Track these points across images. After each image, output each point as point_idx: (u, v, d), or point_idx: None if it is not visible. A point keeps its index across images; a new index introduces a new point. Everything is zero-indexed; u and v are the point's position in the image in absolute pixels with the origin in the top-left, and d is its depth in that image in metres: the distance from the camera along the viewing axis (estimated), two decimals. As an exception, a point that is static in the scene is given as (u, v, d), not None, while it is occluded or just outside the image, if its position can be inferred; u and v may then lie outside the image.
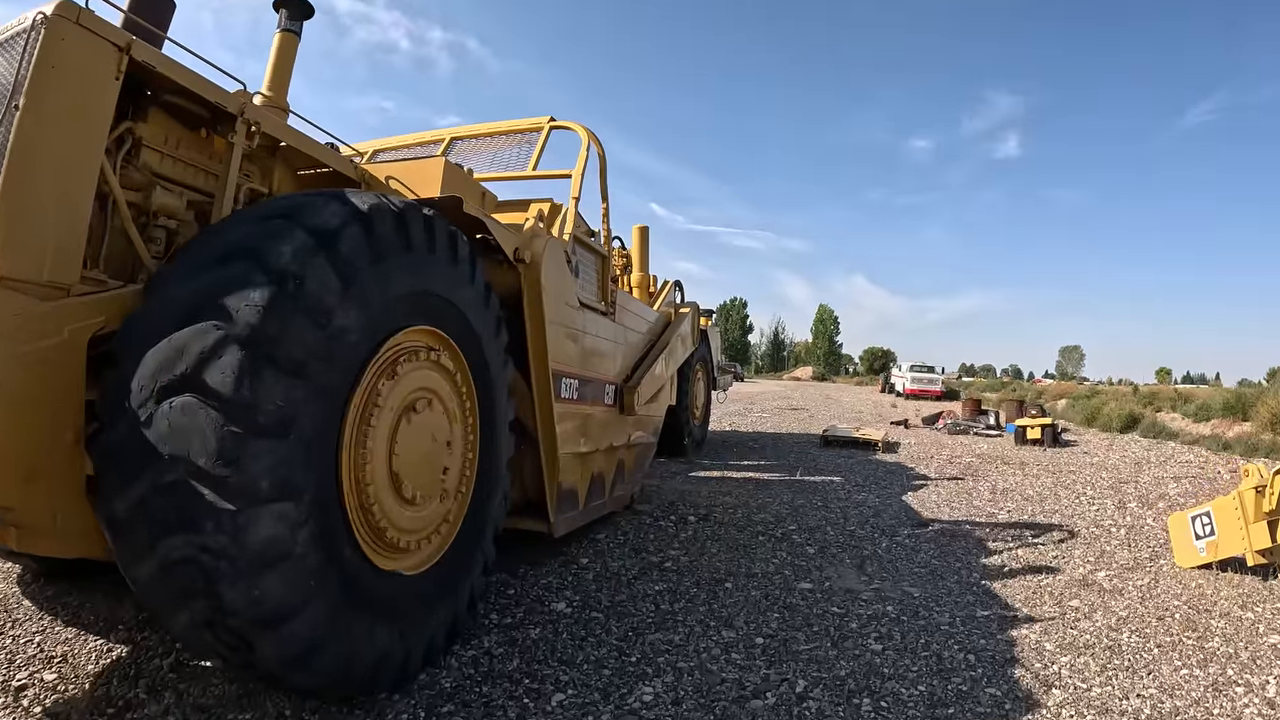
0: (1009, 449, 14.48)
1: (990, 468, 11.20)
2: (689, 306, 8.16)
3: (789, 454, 11.40)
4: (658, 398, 6.90)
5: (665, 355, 6.84)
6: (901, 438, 15.39)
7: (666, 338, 6.97)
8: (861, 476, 9.40)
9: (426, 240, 3.00)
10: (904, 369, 40.21)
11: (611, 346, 5.36)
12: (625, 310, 5.73)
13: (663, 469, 9.25)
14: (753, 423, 17.21)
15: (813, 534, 6.04)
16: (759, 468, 9.85)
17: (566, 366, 4.38)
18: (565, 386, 4.37)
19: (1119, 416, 20.98)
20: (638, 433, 6.33)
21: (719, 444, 12.29)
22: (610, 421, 5.43)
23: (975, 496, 8.49)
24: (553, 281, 4.10)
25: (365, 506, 2.79)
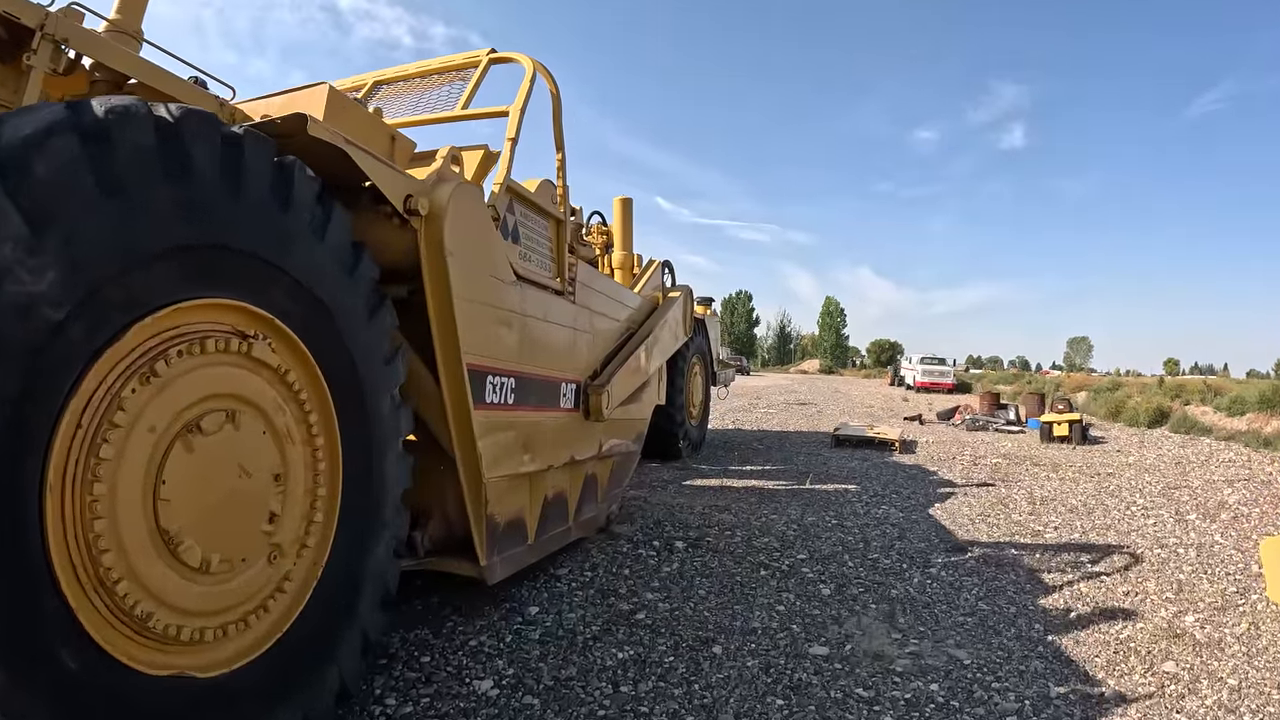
0: (1035, 447, 13.36)
1: (1020, 470, 10.06)
2: (680, 290, 7.03)
3: (797, 456, 10.27)
4: (640, 396, 5.79)
5: (649, 346, 5.72)
6: (917, 435, 14.24)
7: (650, 326, 5.85)
8: (879, 483, 8.26)
9: (222, 169, 1.90)
10: (914, 361, 38.96)
11: (569, 335, 4.24)
12: (591, 291, 4.61)
13: (653, 476, 8.14)
14: (758, 420, 16.08)
15: (827, 565, 4.91)
16: (764, 474, 8.72)
17: (496, 361, 3.27)
18: (495, 388, 3.26)
19: (1146, 410, 19.83)
20: (613, 440, 5.22)
21: (720, 445, 11.17)
22: (571, 430, 4.33)
23: (1012, 508, 7.35)
24: (466, 243, 2.98)
25: (105, 583, 1.69)
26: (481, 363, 3.13)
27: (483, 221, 3.12)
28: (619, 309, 5.25)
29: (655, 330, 5.93)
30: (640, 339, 5.51)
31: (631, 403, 5.56)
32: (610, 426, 5.10)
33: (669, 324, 6.42)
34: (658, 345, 6.07)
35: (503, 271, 3.31)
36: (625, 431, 5.55)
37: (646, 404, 6.09)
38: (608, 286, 4.96)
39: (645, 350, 5.63)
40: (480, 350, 3.12)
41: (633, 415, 5.70)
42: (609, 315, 4.97)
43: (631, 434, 5.74)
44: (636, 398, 5.69)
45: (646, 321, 5.96)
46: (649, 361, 5.79)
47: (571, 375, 4.25)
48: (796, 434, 13.42)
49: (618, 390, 4.86)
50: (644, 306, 6.08)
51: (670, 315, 6.45)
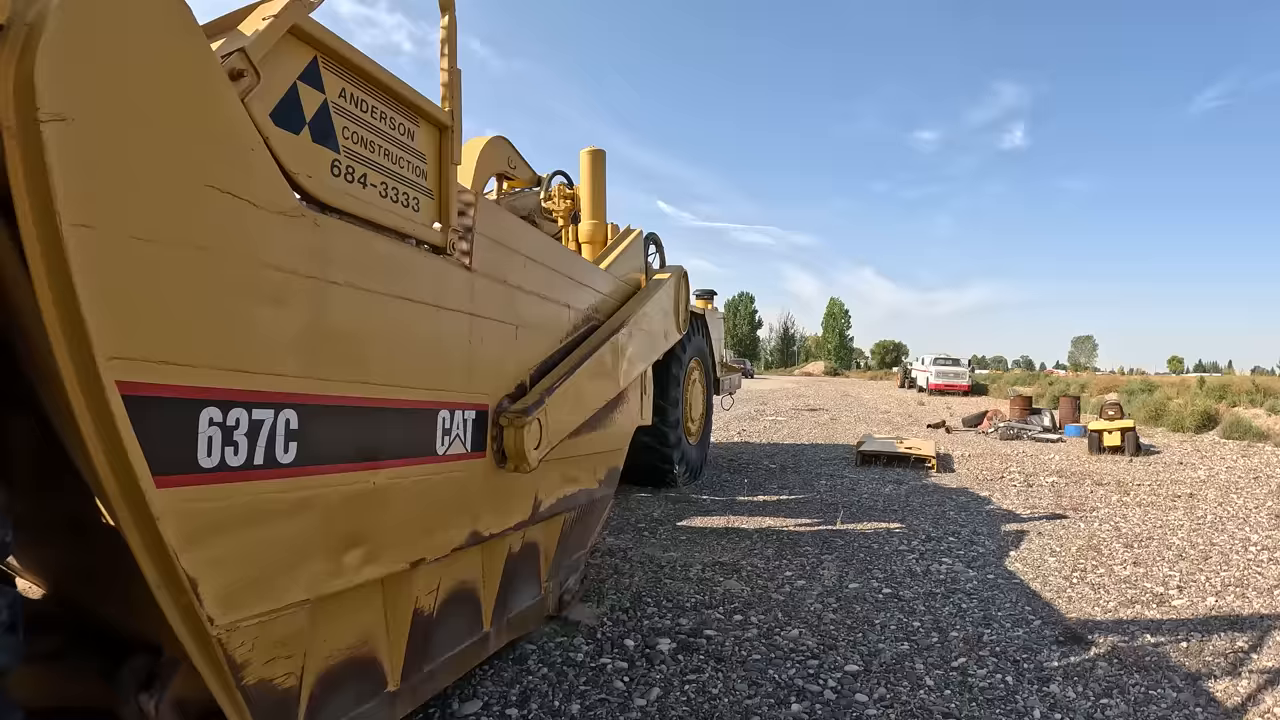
0: (1084, 459, 11.64)
1: (1085, 493, 8.30)
2: (671, 272, 5.27)
3: (818, 479, 8.49)
4: (611, 417, 4.05)
5: (622, 346, 3.97)
6: (948, 447, 12.47)
7: (625, 318, 4.09)
8: (928, 520, 6.49)
9: None
10: (927, 362, 37.09)
11: (459, 327, 2.48)
12: (508, 255, 2.83)
13: (639, 514, 6.39)
14: (767, 429, 14.31)
15: (894, 686, 3.14)
16: (780, 506, 6.94)
17: (231, 372, 1.50)
18: (227, 433, 1.49)
19: (1192, 414, 18.05)
20: (563, 490, 3.49)
21: (724, 464, 9.40)
22: (469, 490, 2.57)
23: (1107, 554, 5.58)
24: (115, 98, 1.23)
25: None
26: (177, 381, 1.37)
27: (163, 57, 1.35)
28: (567, 289, 3.49)
29: (632, 323, 4.18)
30: (606, 336, 3.75)
31: (595, 428, 3.81)
32: (557, 470, 3.35)
33: (654, 315, 4.66)
34: (637, 344, 4.32)
35: (254, 182, 1.54)
36: (585, 472, 3.80)
37: (621, 426, 4.34)
38: (543, 250, 3.17)
39: (616, 351, 3.87)
40: (172, 349, 1.36)
41: (599, 446, 3.95)
42: (547, 297, 3.20)
43: (596, 474, 3.99)
44: (604, 420, 3.95)
45: (619, 311, 4.20)
46: (622, 367, 4.04)
47: (463, 397, 2.49)
48: (811, 447, 11.65)
49: (563, 414, 3.11)
50: (616, 291, 4.32)
51: (655, 304, 4.70)
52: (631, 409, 4.56)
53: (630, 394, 4.48)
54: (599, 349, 3.60)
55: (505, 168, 7.01)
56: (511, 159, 7.00)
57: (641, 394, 4.84)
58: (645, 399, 4.93)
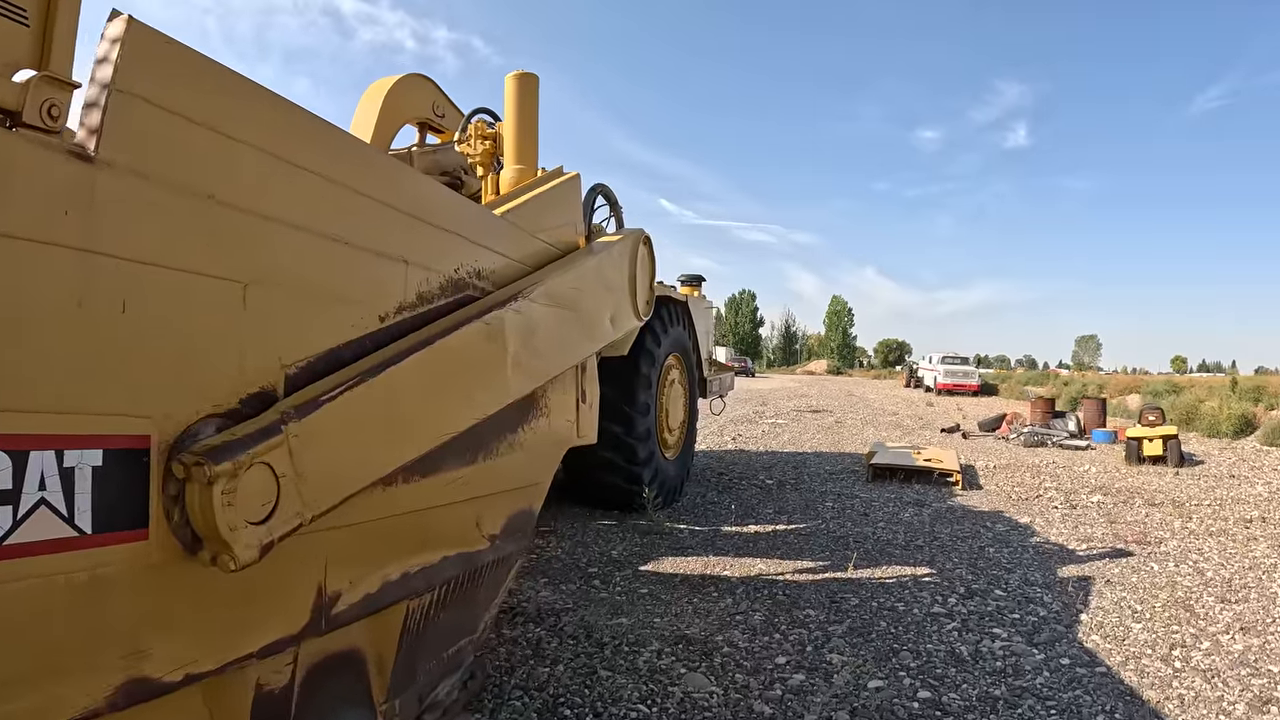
0: (1124, 471, 10.29)
1: (1139, 515, 6.97)
2: (627, 236, 3.88)
3: (823, 498, 7.09)
4: (510, 441, 2.68)
5: (523, 331, 2.59)
6: (969, 455, 11.07)
7: (528, 288, 2.69)
8: (964, 560, 5.08)
9: None
10: (934, 360, 35.61)
11: (62, 271, 1.09)
12: (227, 148, 1.44)
13: (595, 552, 5.00)
14: (765, 435, 12.90)
15: None
16: (775, 542, 5.54)
17: None
18: None
19: (1229, 418, 16.64)
20: (403, 565, 2.13)
21: (712, 480, 8.01)
22: (105, 604, 1.19)
23: (1203, 614, 4.21)
24: None
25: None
26: None
27: None
28: (406, 235, 2.10)
29: (548, 297, 2.79)
30: (486, 313, 2.35)
31: (475, 458, 2.44)
32: (378, 536, 2.00)
33: (590, 290, 3.27)
34: (560, 329, 2.93)
35: None
36: (456, 529, 2.44)
37: (537, 449, 2.96)
38: (333, 151, 1.76)
39: (508, 337, 2.49)
40: None
41: (487, 485, 2.59)
42: (347, 240, 1.80)
43: (484, 527, 2.62)
44: (495, 443, 2.58)
45: (526, 280, 2.80)
46: (529, 361, 2.65)
47: (77, 421, 1.12)
48: (815, 457, 10.24)
49: (355, 445, 1.74)
50: (526, 251, 2.92)
51: (592, 274, 3.30)
52: (557, 423, 3.18)
53: (552, 401, 3.10)
54: (464, 331, 2.22)
55: (428, 114, 5.58)
56: (438, 104, 5.57)
57: (579, 400, 3.46)
58: (586, 408, 3.54)
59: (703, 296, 8.26)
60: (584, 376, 3.48)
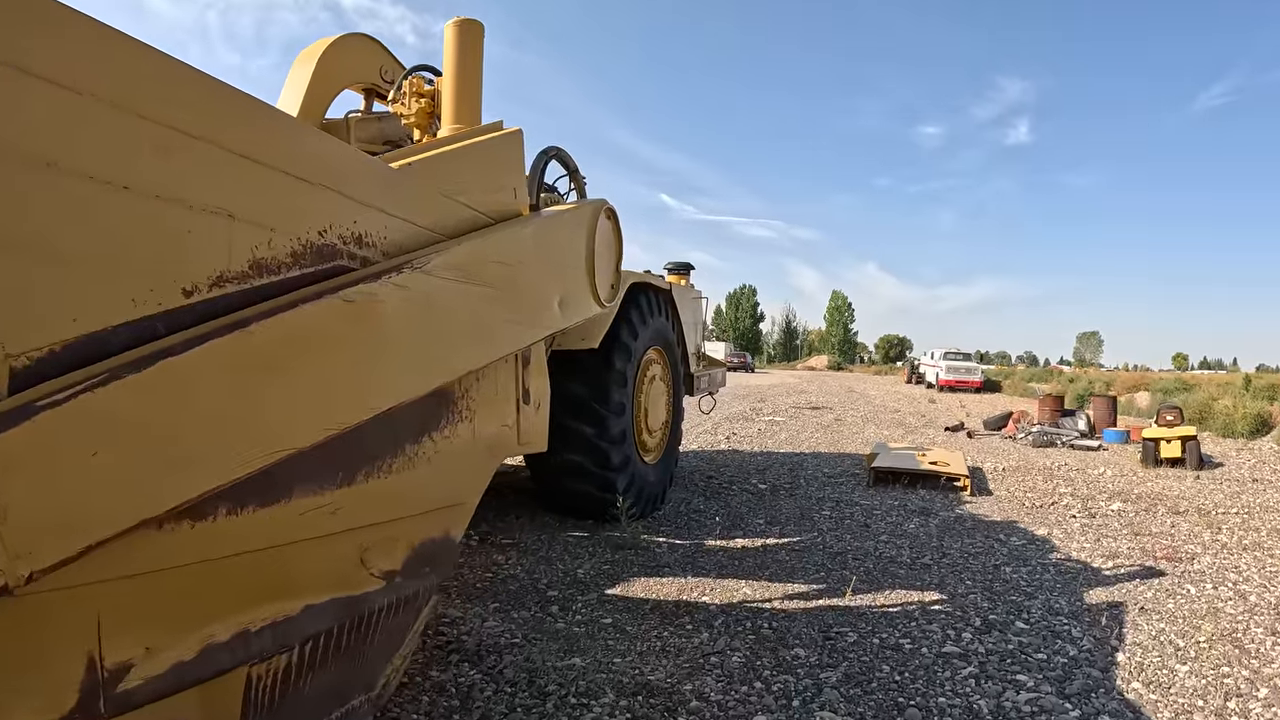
0: (1141, 474, 9.72)
1: (1167, 527, 6.36)
2: (586, 208, 3.27)
3: (820, 505, 6.49)
4: (410, 453, 2.08)
5: (420, 309, 1.99)
6: (976, 457, 10.47)
7: (427, 256, 2.09)
8: (978, 582, 4.48)
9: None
10: (936, 356, 35.01)
11: None
12: None
13: (559, 567, 4.41)
14: (761, 433, 12.29)
15: None
16: (764, 560, 4.94)
17: None
18: None
19: (1244, 418, 16.04)
20: (220, 625, 1.53)
21: (700, 482, 7.40)
22: None
23: (1254, 650, 3.63)
24: None
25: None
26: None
27: None
28: (230, 180, 1.51)
29: (462, 271, 2.19)
30: (351, 286, 1.75)
31: (345, 476, 1.85)
32: (193, 586, 1.43)
33: (526, 266, 2.66)
34: (481, 311, 2.33)
35: None
36: (305, 577, 1.86)
37: (454, 462, 2.37)
38: (85, 49, 1.20)
39: (401, 319, 1.89)
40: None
41: (370, 512, 2.00)
42: (87, 171, 1.21)
43: (373, 563, 2.04)
44: (373, 462, 1.98)
45: (431, 250, 2.19)
46: (423, 350, 2.05)
47: None
48: (813, 458, 9.63)
49: (98, 478, 1.14)
50: (436, 216, 2.31)
51: (533, 248, 2.70)
52: (486, 428, 2.57)
53: (478, 401, 2.49)
54: (307, 310, 1.61)
55: (375, 80, 4.95)
56: (387, 69, 4.94)
57: (520, 401, 2.85)
58: (531, 410, 2.94)
59: (691, 285, 7.64)
60: (527, 371, 2.87)
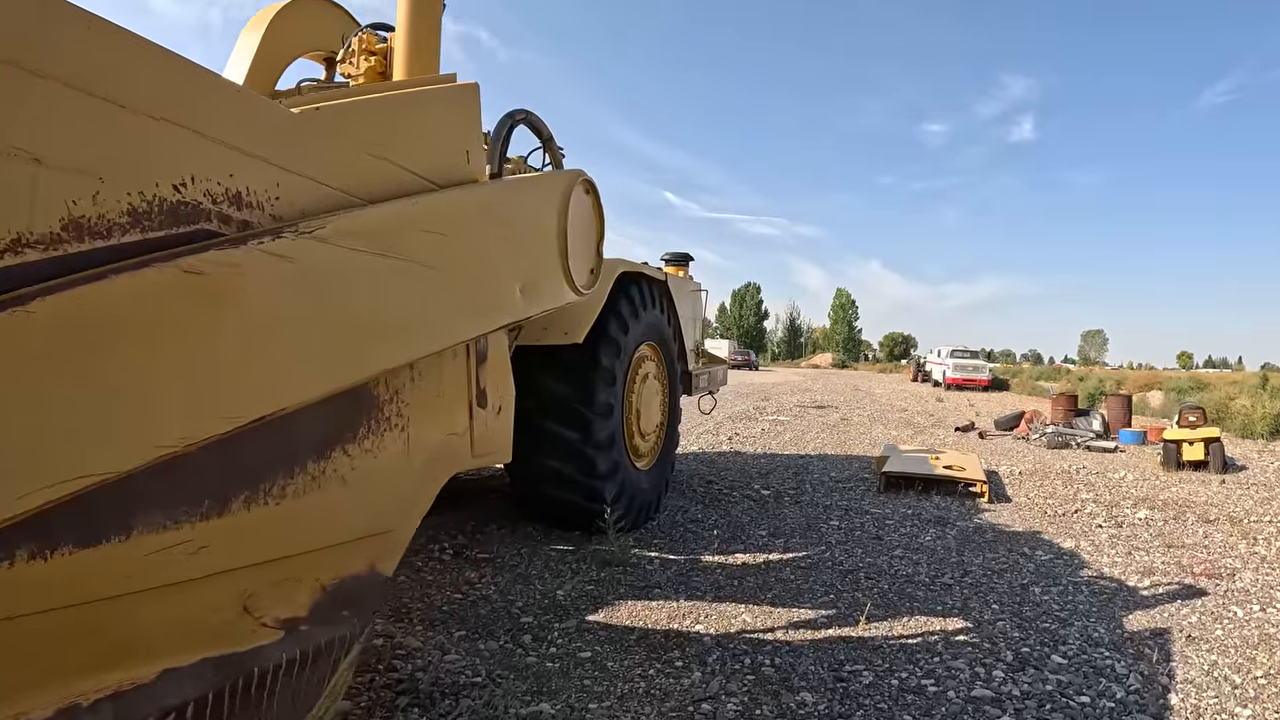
0: (1163, 478, 9.27)
1: (1199, 538, 5.91)
2: (556, 177, 2.81)
3: (828, 515, 6.02)
4: (290, 483, 1.62)
5: (313, 291, 1.53)
6: (988, 457, 9.99)
7: (323, 221, 1.63)
8: (1006, 606, 4.01)
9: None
10: (943, 354, 34.47)
11: None
12: None
13: (538, 588, 3.95)
14: (765, 434, 11.82)
15: None
16: (766, 578, 4.47)
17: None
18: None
19: (1264, 418, 15.56)
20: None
21: (699, 488, 6.93)
22: None
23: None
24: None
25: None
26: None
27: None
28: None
29: (381, 243, 1.73)
30: (231, 248, 1.31)
31: (196, 510, 1.38)
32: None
33: (481, 243, 2.20)
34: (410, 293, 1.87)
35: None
36: (159, 633, 1.38)
37: (363, 490, 1.91)
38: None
39: (280, 297, 1.43)
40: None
41: (232, 554, 1.54)
42: None
43: (224, 629, 1.57)
44: (255, 484, 1.52)
45: (344, 214, 1.74)
46: (320, 339, 1.60)
47: None
48: (819, 461, 9.15)
49: None
50: (355, 174, 1.85)
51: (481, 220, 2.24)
52: (426, 437, 2.12)
53: (412, 404, 2.04)
54: (121, 283, 1.16)
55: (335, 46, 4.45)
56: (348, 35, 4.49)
57: (473, 403, 2.40)
58: (490, 415, 2.48)
59: (689, 277, 7.18)
60: (483, 369, 2.42)
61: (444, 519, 5.30)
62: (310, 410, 1.68)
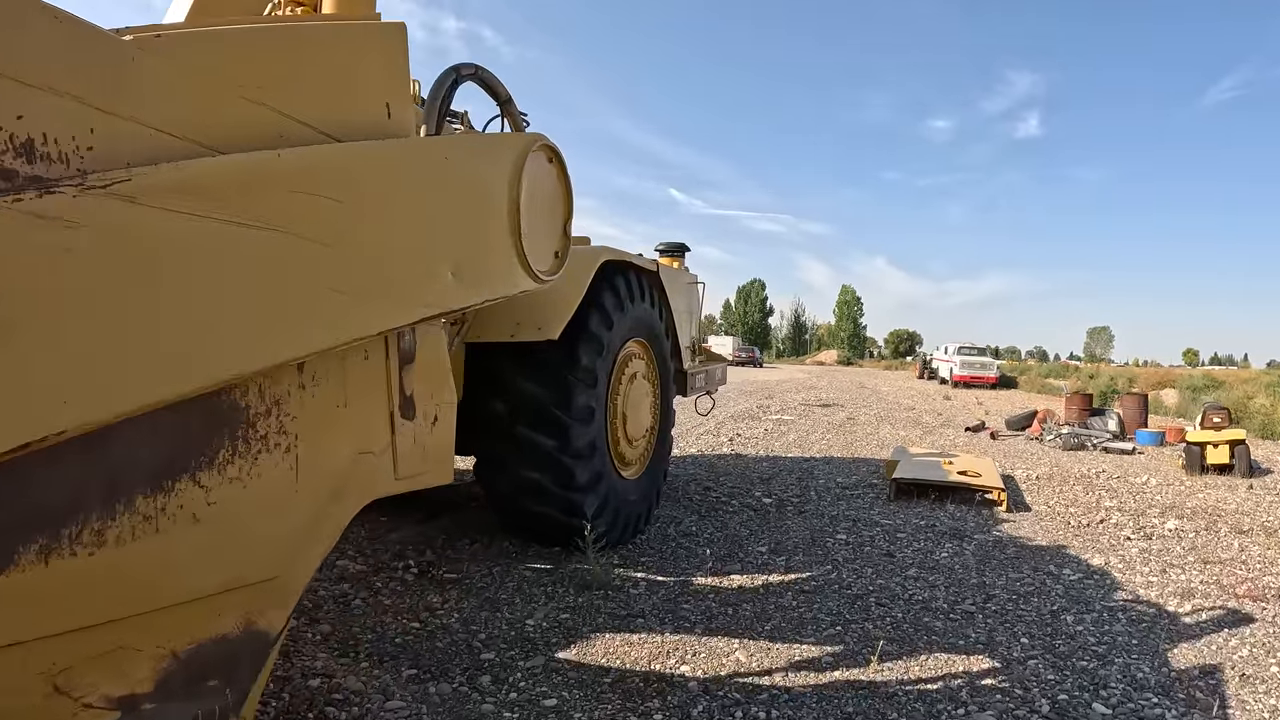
0: (1187, 483, 8.84)
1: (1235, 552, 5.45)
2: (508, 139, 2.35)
3: (834, 527, 5.55)
4: (113, 527, 1.16)
5: (114, 267, 1.07)
6: (1002, 460, 9.50)
7: (142, 175, 1.18)
8: (1035, 640, 3.53)
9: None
10: (950, 351, 33.91)
11: None
12: None
13: (504, 615, 3.49)
14: (768, 434, 11.34)
15: None
16: (766, 604, 4.00)
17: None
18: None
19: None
20: None
21: (695, 495, 6.47)
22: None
23: None
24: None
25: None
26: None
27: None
28: None
29: (224, 203, 1.27)
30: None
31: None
32: None
33: (393, 211, 1.74)
34: (278, 273, 1.41)
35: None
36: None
37: (226, 528, 1.45)
38: None
39: (73, 264, 0.97)
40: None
41: (19, 623, 1.05)
42: None
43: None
44: (48, 529, 1.05)
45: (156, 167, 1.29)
46: (136, 333, 1.13)
47: None
48: (825, 464, 8.67)
49: None
50: (210, 117, 1.40)
51: (389, 182, 1.78)
52: (324, 460, 1.66)
53: (301, 417, 1.58)
54: None
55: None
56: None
57: (396, 415, 1.94)
58: (419, 427, 2.02)
59: (685, 269, 6.70)
60: (408, 372, 1.95)
61: (412, 531, 4.85)
62: (133, 428, 1.23)
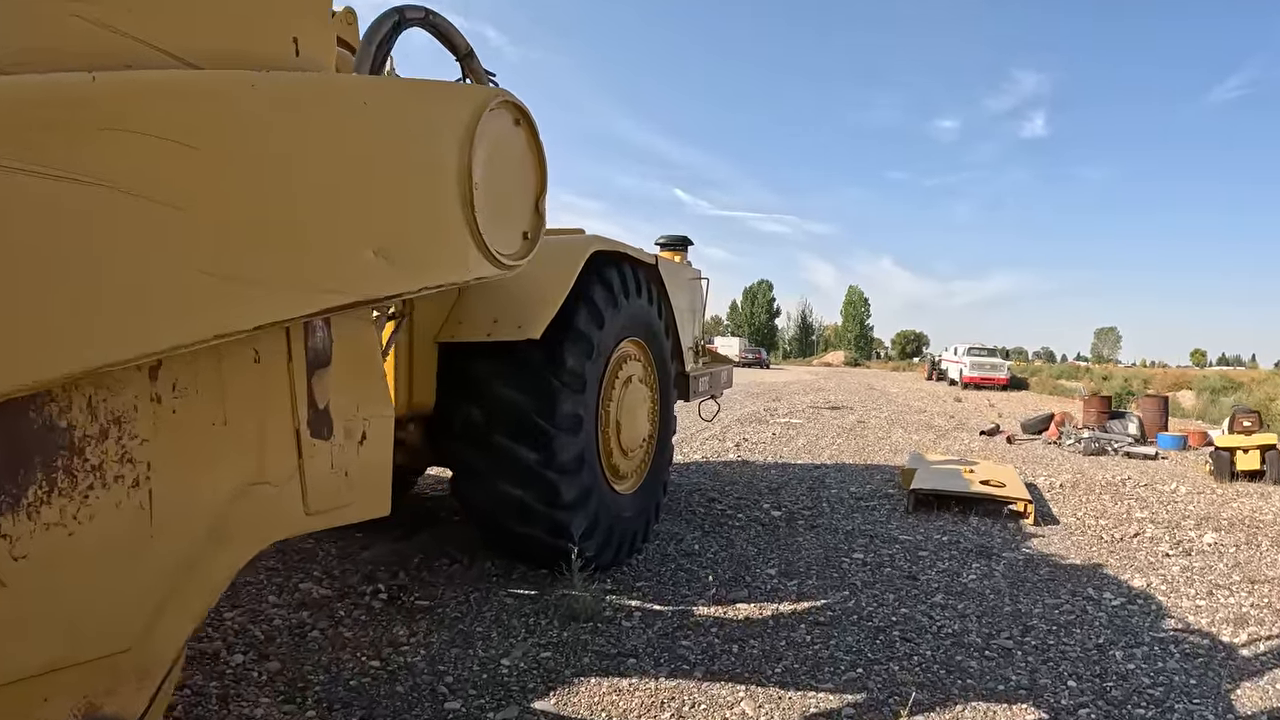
0: (1217, 490, 8.44)
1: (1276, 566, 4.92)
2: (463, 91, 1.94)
3: (850, 544, 5.10)
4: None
5: None
6: (1021, 465, 9.01)
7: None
8: (1083, 681, 3.07)
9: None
10: (960, 352, 33.33)
11: None
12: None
13: (478, 652, 3.06)
14: (776, 439, 10.87)
15: None
16: (775, 639, 3.55)
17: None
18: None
19: (1314, 420, 14.51)
20: None
21: (699, 508, 6.02)
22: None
23: None
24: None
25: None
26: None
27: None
28: None
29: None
30: None
31: None
32: None
33: (285, 168, 1.33)
34: (124, 245, 0.99)
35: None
36: None
37: (30, 600, 1.00)
38: None
39: None
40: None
41: None
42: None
43: None
44: None
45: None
46: None
47: None
48: (837, 471, 8.20)
49: None
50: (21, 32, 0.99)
51: (307, 133, 1.36)
52: (196, 494, 1.23)
53: (151, 441, 1.14)
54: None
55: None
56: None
57: (302, 432, 1.50)
58: (338, 446, 1.59)
59: (688, 264, 6.26)
60: (320, 378, 1.53)
61: (387, 550, 4.42)
62: None
